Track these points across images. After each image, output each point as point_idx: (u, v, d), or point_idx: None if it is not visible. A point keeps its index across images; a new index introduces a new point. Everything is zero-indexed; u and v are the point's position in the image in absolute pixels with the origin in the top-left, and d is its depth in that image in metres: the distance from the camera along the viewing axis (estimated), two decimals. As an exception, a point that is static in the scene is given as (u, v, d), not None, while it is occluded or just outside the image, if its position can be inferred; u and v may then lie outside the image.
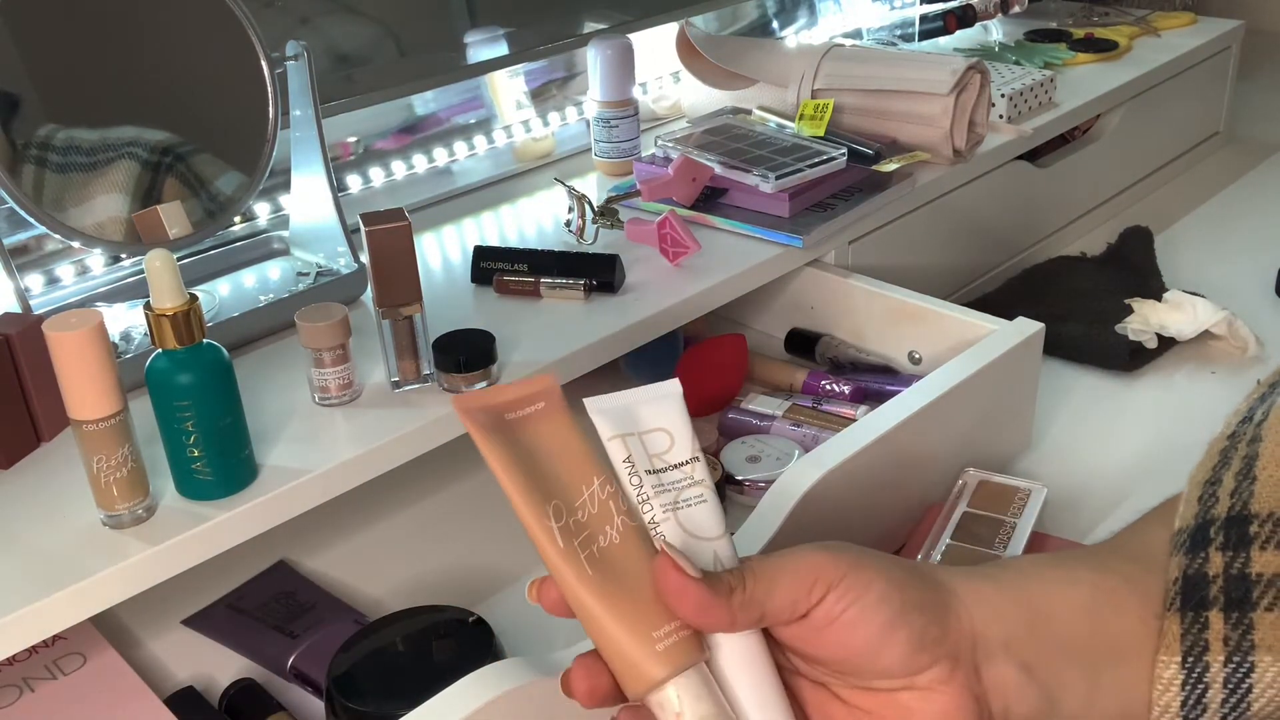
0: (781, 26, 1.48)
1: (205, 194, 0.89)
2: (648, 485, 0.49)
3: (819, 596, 0.44)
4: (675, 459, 0.50)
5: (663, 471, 0.49)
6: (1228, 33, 1.54)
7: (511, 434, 0.50)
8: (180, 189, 0.88)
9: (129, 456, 0.66)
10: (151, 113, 0.87)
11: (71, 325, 0.62)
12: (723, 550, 0.48)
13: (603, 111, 1.16)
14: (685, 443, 0.50)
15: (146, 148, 0.87)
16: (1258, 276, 1.20)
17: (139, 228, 0.85)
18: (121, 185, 0.85)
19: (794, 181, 1.01)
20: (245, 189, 0.90)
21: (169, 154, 0.88)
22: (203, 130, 0.90)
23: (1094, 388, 1.03)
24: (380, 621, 0.73)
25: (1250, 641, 0.43)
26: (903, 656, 0.44)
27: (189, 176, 0.89)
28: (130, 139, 0.86)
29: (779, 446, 0.91)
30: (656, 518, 0.48)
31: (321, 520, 0.81)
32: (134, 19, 0.86)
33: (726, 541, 0.49)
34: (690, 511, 0.49)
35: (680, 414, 0.51)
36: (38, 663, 0.73)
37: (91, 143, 0.84)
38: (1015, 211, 1.26)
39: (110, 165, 0.85)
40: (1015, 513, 0.79)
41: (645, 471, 0.49)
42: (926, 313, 0.96)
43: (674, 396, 0.51)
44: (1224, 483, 0.46)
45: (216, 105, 0.91)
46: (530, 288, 0.93)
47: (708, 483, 0.50)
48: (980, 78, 1.11)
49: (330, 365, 0.78)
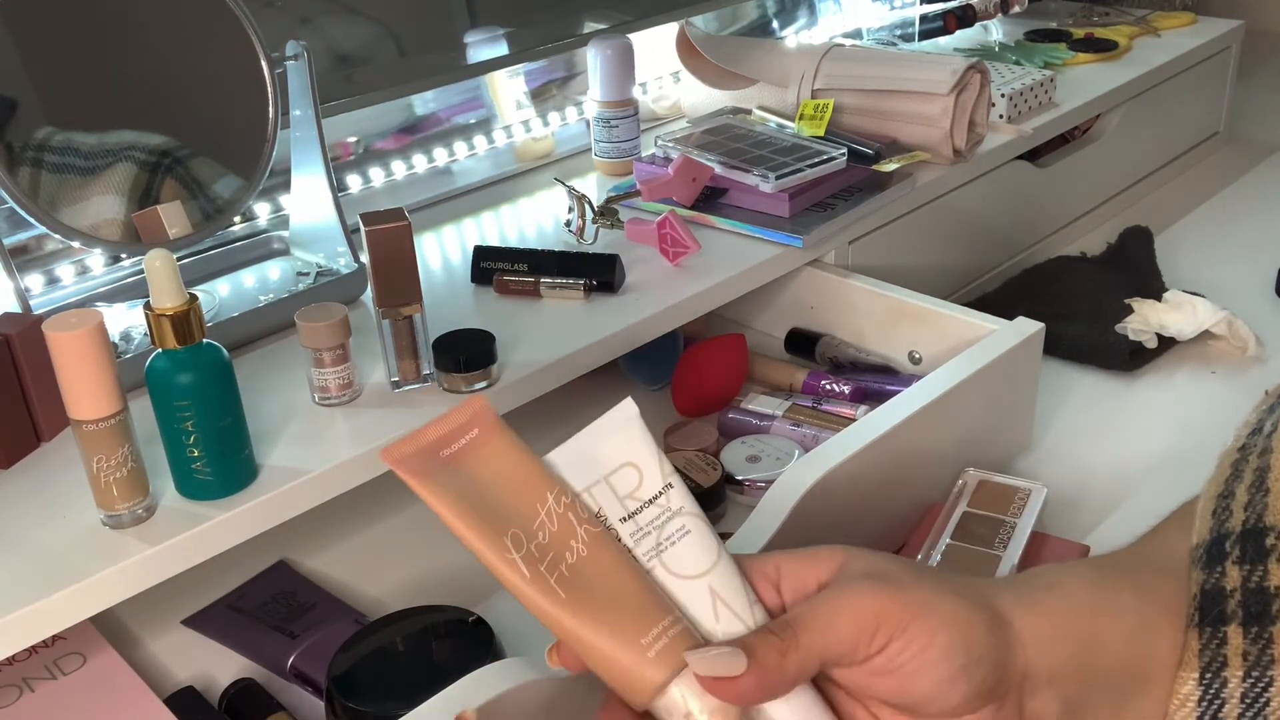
0: (781, 26, 1.48)
1: (205, 194, 0.89)
2: (625, 535, 0.47)
3: (881, 645, 0.42)
4: (647, 493, 0.48)
5: (637, 514, 0.47)
6: (1228, 33, 1.54)
7: (451, 471, 0.46)
8: (180, 189, 0.88)
9: (129, 456, 0.66)
10: (151, 112, 0.87)
11: (71, 325, 0.62)
12: (720, 582, 0.46)
13: (603, 111, 1.16)
14: (654, 472, 0.48)
15: (146, 148, 0.87)
16: (1258, 276, 1.20)
17: (139, 228, 0.85)
18: (121, 185, 0.85)
19: (794, 181, 1.01)
20: (245, 189, 0.90)
21: (169, 154, 0.88)
22: (203, 130, 0.90)
23: (1094, 388, 1.03)
24: (380, 621, 0.73)
25: (1270, 656, 0.42)
26: (960, 703, 0.43)
27: (189, 176, 0.89)
28: (130, 139, 0.86)
29: (779, 446, 0.91)
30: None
31: (321, 520, 0.81)
32: (134, 19, 0.86)
33: (722, 568, 0.46)
34: (675, 550, 0.47)
35: (642, 439, 0.49)
36: (38, 663, 0.73)
37: (91, 142, 0.84)
38: (1015, 211, 1.26)
39: (110, 165, 0.85)
40: (1015, 513, 0.79)
41: (620, 520, 0.47)
42: (926, 313, 0.96)
43: (632, 420, 0.49)
44: (1237, 496, 0.45)
45: (216, 105, 0.91)
46: (530, 288, 0.93)
47: (687, 508, 0.48)
48: (980, 78, 1.11)
49: (330, 365, 0.78)
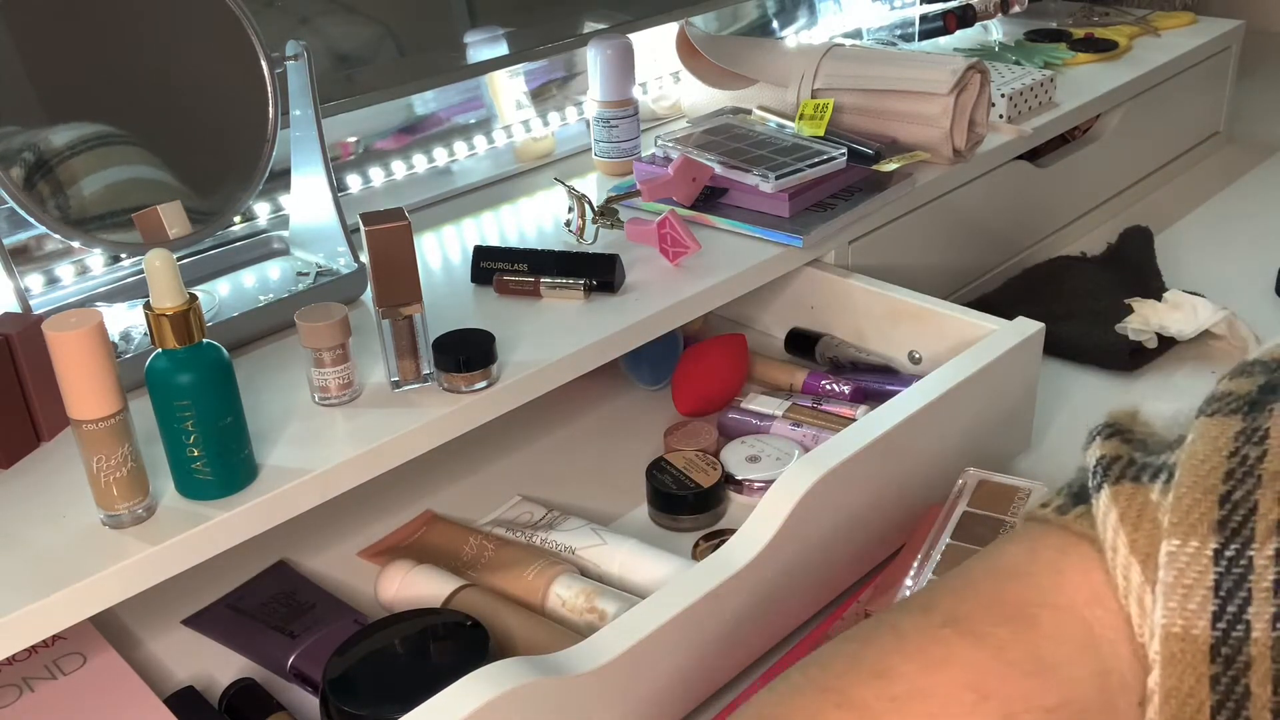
0: (781, 26, 1.48)
1: (205, 194, 0.89)
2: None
3: None
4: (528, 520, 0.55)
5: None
6: (1228, 33, 1.54)
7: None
8: (180, 189, 0.88)
9: (129, 456, 0.66)
10: (151, 112, 0.87)
11: (71, 325, 0.62)
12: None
13: (603, 111, 1.16)
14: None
15: (145, 147, 0.87)
16: (1258, 276, 1.20)
17: (139, 227, 0.85)
18: (120, 184, 0.85)
19: (794, 181, 1.01)
20: (245, 189, 0.90)
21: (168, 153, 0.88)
22: (203, 129, 0.90)
23: (1094, 388, 1.03)
24: (375, 624, 0.73)
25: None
26: None
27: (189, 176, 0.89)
28: (130, 138, 0.86)
29: (779, 446, 0.91)
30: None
31: (321, 520, 0.81)
32: (134, 18, 0.86)
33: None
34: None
35: None
36: (38, 663, 0.73)
37: (90, 141, 0.84)
38: (1015, 211, 1.26)
39: (109, 164, 0.85)
40: (1015, 513, 0.79)
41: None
42: (926, 313, 0.96)
43: None
44: None
45: (217, 105, 0.91)
46: (530, 288, 0.93)
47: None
48: (980, 78, 1.11)
49: (330, 365, 0.78)
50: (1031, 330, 0.89)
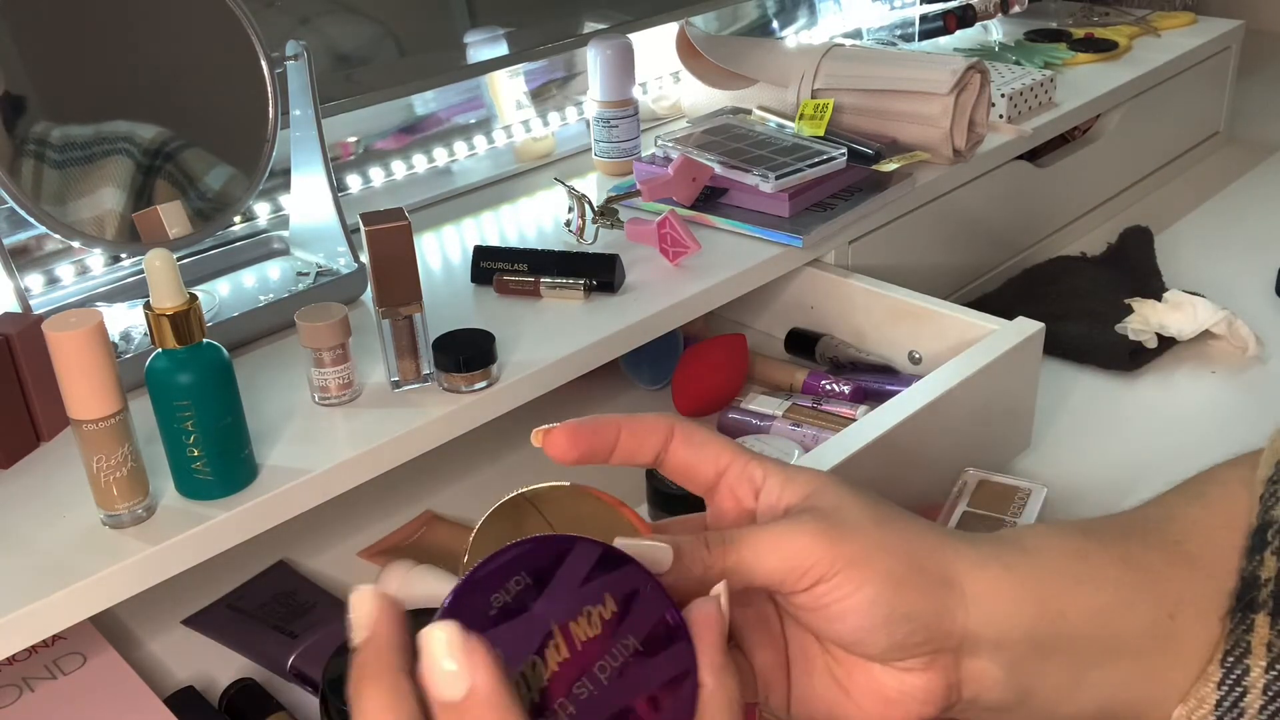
0: (781, 26, 1.48)
1: (205, 194, 0.89)
2: None
3: (807, 585, 0.43)
4: None
5: None
6: (1228, 33, 1.54)
7: None
8: (180, 188, 0.88)
9: (129, 456, 0.66)
10: (151, 112, 0.87)
11: (71, 325, 0.62)
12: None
13: (603, 111, 1.16)
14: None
15: (146, 147, 0.87)
16: (1258, 276, 1.20)
17: (139, 227, 0.85)
18: (121, 185, 0.85)
19: (794, 181, 1.01)
20: (245, 189, 0.90)
21: (169, 153, 0.88)
22: (203, 130, 0.90)
23: (1094, 388, 1.03)
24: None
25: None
26: (880, 653, 0.43)
27: (189, 176, 0.89)
28: (130, 138, 0.86)
29: (779, 446, 0.91)
30: None
31: (321, 520, 0.81)
32: (134, 18, 0.86)
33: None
34: None
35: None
36: (38, 663, 0.73)
37: (90, 142, 0.84)
38: (1015, 211, 1.26)
39: (109, 165, 0.85)
40: (1015, 513, 0.79)
41: None
42: (926, 313, 0.96)
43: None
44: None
45: (216, 105, 0.91)
46: (530, 287, 0.93)
47: None
48: (980, 78, 1.11)
49: (330, 365, 0.78)
50: (1031, 330, 0.89)
